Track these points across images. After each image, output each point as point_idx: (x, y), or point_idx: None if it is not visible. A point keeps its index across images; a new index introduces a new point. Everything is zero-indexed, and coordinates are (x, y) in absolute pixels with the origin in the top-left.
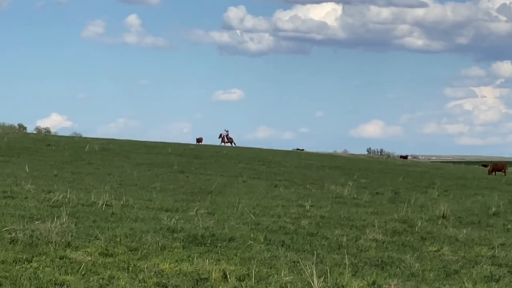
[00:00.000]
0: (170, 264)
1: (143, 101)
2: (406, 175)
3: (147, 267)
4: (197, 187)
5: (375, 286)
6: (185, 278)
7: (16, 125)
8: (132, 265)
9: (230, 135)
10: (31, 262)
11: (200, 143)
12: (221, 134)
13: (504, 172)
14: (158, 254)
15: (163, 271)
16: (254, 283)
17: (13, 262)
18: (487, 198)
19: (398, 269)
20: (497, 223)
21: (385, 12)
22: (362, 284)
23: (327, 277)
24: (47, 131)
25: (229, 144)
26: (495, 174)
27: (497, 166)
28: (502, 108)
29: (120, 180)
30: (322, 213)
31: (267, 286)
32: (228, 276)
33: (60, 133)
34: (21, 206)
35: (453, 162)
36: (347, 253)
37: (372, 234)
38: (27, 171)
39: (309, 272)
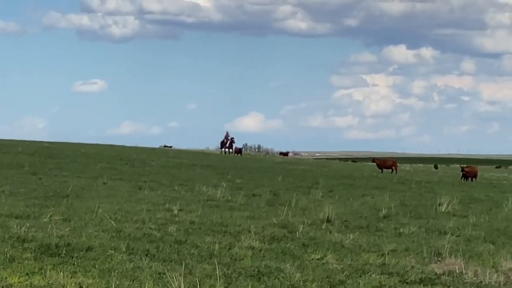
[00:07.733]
0: (19, 278)
1: None
2: (286, 174)
3: None
4: (51, 190)
5: None
6: None
7: None
8: None
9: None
10: None
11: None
12: (231, 139)
13: (395, 169)
14: (6, 266)
15: (11, 286)
16: None
17: None
18: (377, 199)
19: (276, 280)
20: (387, 227)
21: None
22: None
23: None
24: None
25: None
26: (382, 172)
27: (385, 163)
28: (396, 98)
29: None
30: (192, 218)
31: None
32: None
33: None
34: None
35: (339, 158)
36: (219, 263)
37: (248, 241)
38: None
39: (177, 284)
